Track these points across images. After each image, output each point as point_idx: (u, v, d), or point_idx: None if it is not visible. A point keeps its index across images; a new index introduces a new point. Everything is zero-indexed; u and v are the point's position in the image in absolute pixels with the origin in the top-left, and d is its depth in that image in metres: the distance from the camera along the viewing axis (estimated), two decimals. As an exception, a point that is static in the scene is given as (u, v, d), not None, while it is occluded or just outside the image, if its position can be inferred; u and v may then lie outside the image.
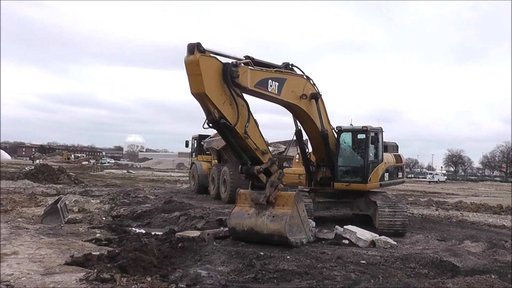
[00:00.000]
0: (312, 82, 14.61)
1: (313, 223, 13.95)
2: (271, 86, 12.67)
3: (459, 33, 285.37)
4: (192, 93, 10.69)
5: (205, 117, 11.13)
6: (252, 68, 12.10)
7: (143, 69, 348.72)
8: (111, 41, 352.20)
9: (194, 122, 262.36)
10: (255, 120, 12.08)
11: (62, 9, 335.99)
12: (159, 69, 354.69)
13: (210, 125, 11.13)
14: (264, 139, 12.49)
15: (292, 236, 11.62)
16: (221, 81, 11.02)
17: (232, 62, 11.37)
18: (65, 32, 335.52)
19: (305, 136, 15.85)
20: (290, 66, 13.91)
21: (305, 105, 14.22)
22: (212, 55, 10.97)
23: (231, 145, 11.81)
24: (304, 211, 12.54)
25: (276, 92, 12.88)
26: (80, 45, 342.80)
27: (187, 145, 35.60)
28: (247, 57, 12.27)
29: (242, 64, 11.69)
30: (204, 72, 10.51)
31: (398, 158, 18.58)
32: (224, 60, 11.31)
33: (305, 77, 14.38)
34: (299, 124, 15.38)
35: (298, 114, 14.68)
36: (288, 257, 10.29)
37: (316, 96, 14.58)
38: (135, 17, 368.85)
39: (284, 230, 11.42)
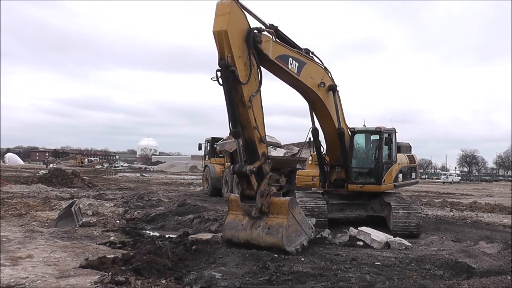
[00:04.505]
0: (330, 75, 14.61)
1: (313, 220, 13.83)
2: (291, 64, 12.66)
3: (480, 32, 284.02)
4: (214, 32, 10.59)
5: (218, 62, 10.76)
6: (274, 41, 12.15)
7: (164, 73, 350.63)
8: (132, 45, 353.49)
9: (207, 125, 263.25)
10: (262, 104, 11.82)
11: (84, 13, 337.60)
12: (179, 72, 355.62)
13: (218, 73, 10.73)
14: (264, 128, 11.87)
15: (291, 245, 11.17)
16: (243, 39, 11.05)
17: (257, 27, 11.45)
18: (87, 36, 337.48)
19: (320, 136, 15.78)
20: (310, 54, 13.90)
21: (323, 95, 14.19)
22: (243, 10, 11.12)
23: (230, 106, 10.97)
24: (301, 213, 12.09)
25: (296, 72, 12.88)
26: (101, 49, 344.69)
27: (200, 148, 35.68)
28: (271, 25, 12.28)
29: (266, 33, 11.75)
30: (232, 16, 10.58)
31: (412, 158, 18.51)
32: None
33: (323, 67, 14.37)
34: (316, 121, 15.35)
35: (315, 104, 14.65)
36: (302, 259, 10.27)
37: (333, 88, 14.59)
38: (158, 21, 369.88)
39: (282, 244, 10.93)
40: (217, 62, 10.71)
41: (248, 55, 11.14)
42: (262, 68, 11.82)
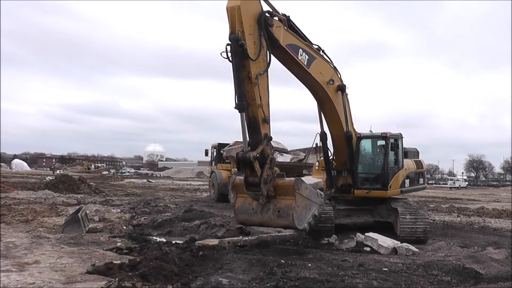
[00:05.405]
0: (339, 75, 14.61)
1: (321, 183, 13.79)
2: (301, 55, 12.70)
3: (487, 36, 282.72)
4: (227, 7, 10.73)
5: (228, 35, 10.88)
6: (286, 29, 12.24)
7: (170, 79, 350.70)
8: (139, 50, 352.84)
9: (214, 131, 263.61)
10: (268, 86, 11.75)
11: (92, 19, 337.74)
12: (186, 78, 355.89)
13: (228, 46, 10.79)
14: (269, 109, 11.78)
15: (303, 223, 11.32)
16: (255, 19, 11.15)
17: (269, 11, 11.63)
18: (95, 42, 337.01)
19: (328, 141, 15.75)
20: (321, 52, 13.91)
21: (332, 93, 14.18)
22: None
23: (237, 81, 11.00)
24: (307, 187, 11.87)
25: (306, 64, 12.90)
26: (109, 55, 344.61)
27: (206, 154, 35.67)
28: (284, 14, 12.36)
29: (277, 19, 11.88)
30: None
31: (419, 164, 18.43)
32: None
33: (332, 66, 14.36)
34: (324, 125, 15.36)
35: (323, 103, 14.60)
36: (309, 265, 10.25)
37: (342, 88, 14.58)
38: (166, 26, 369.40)
39: (294, 224, 11.10)
40: (228, 36, 10.81)
41: (259, 36, 11.20)
42: (272, 57, 11.86)
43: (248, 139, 11.47)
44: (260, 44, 11.22)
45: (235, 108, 11.08)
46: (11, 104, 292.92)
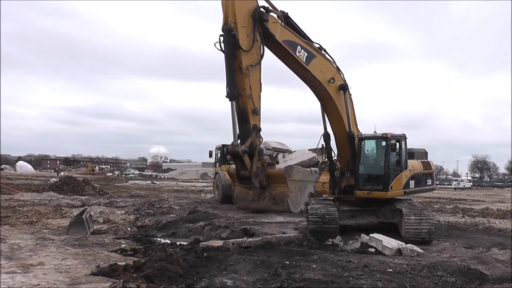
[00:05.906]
0: (342, 75, 14.56)
1: (315, 157, 13.80)
2: (299, 52, 12.73)
3: (492, 38, 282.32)
4: (222, 1, 10.95)
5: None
6: (283, 25, 12.32)
7: (174, 81, 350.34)
8: (143, 53, 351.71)
9: (218, 132, 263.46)
10: (260, 79, 11.84)
11: (95, 22, 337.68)
12: (190, 80, 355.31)
13: (222, 36, 10.99)
14: (260, 102, 11.86)
15: (298, 206, 11.69)
16: (250, 13, 11.32)
17: (264, 6, 11.79)
18: (98, 45, 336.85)
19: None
20: (322, 51, 13.89)
21: (334, 92, 14.17)
22: None
23: (229, 70, 11.21)
24: (299, 171, 12.21)
25: (304, 61, 12.90)
26: (112, 57, 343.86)
27: (210, 155, 35.62)
28: (282, 12, 12.43)
29: (274, 15, 12.01)
30: None
31: (427, 164, 18.29)
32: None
33: (335, 66, 14.32)
34: (327, 125, 15.36)
35: (325, 102, 14.60)
36: (314, 266, 10.24)
37: (344, 87, 14.54)
38: (169, 29, 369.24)
39: (290, 210, 11.42)
40: (221, 26, 11.00)
41: (253, 30, 11.35)
42: (270, 53, 12.10)
43: (237, 131, 11.56)
44: (254, 37, 11.37)
45: (226, 96, 11.25)
46: (14, 107, 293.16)
